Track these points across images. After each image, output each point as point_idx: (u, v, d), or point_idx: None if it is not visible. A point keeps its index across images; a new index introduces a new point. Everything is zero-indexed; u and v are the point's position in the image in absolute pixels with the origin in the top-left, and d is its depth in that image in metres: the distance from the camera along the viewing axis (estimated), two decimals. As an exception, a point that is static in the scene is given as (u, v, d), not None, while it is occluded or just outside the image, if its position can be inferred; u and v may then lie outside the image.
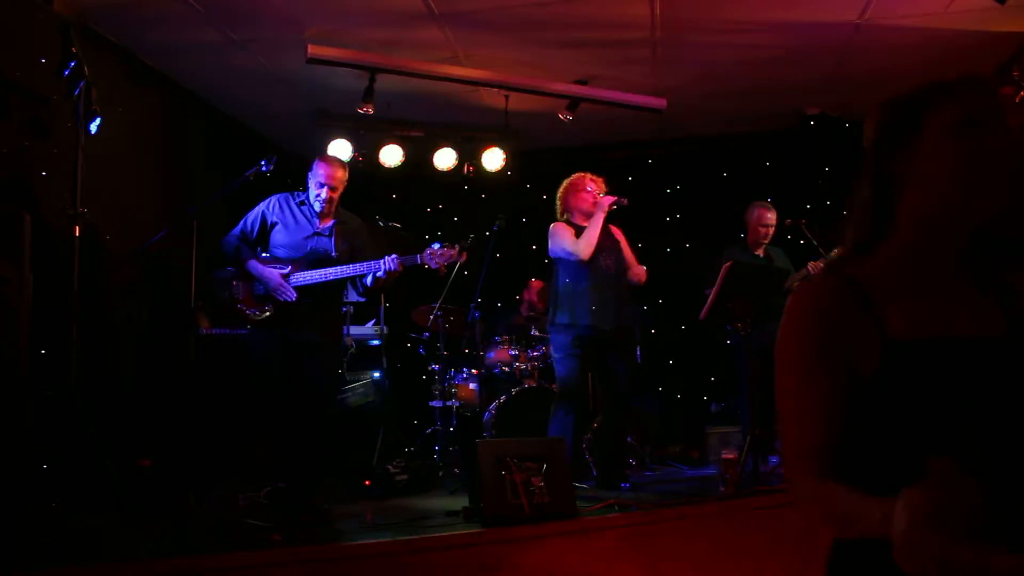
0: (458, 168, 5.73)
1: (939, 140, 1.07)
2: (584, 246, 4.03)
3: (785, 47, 4.70)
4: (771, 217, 4.96)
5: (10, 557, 2.41)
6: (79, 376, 2.97)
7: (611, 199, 4.12)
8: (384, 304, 5.14)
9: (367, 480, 4.26)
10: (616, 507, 3.29)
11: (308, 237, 3.71)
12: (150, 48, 4.61)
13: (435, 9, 4.19)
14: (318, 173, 3.75)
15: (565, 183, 4.34)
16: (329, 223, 3.77)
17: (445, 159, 5.73)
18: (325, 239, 3.73)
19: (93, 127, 3.11)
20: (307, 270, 3.63)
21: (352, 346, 4.91)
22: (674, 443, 5.75)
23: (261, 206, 3.76)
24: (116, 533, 2.77)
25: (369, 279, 3.68)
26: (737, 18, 4.38)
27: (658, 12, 4.28)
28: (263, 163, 3.61)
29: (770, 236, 4.96)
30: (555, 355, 4.18)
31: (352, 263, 3.65)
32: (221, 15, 4.22)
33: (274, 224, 3.72)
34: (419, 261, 3.72)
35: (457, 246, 3.78)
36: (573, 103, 5.09)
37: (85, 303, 3.37)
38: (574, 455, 4.08)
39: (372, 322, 5.22)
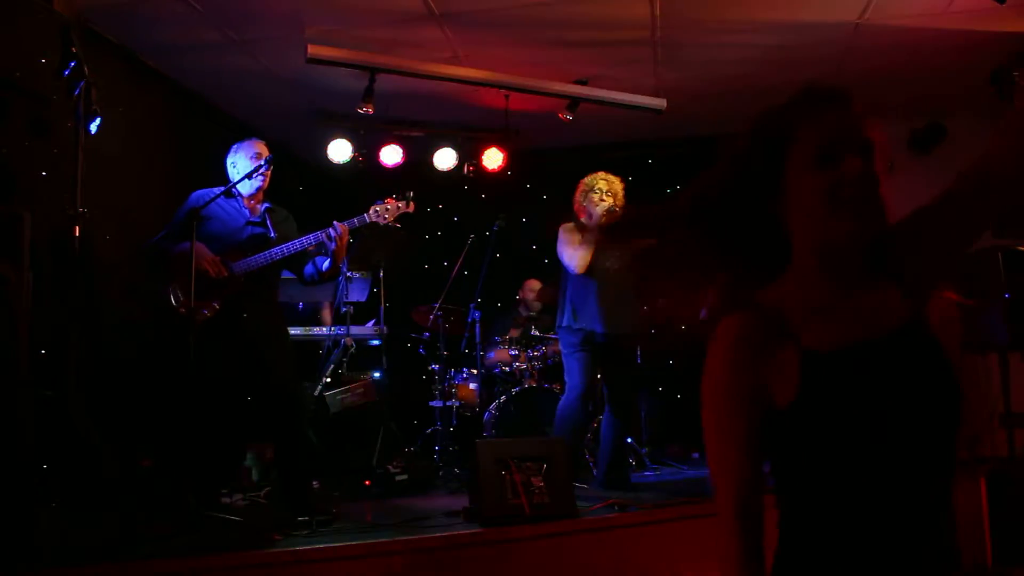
0: (458, 168, 5.74)
1: (798, 175, 1.12)
2: (578, 262, 4.02)
3: (785, 47, 4.70)
4: None
5: (10, 557, 2.41)
6: (79, 376, 2.97)
7: (599, 214, 4.05)
8: (384, 304, 5.14)
9: (367, 480, 4.26)
10: (616, 507, 3.29)
11: (241, 228, 3.59)
12: (150, 48, 4.61)
13: (435, 9, 4.19)
14: (250, 151, 3.64)
15: (579, 185, 4.22)
16: (260, 211, 3.66)
17: (445, 159, 5.73)
18: (259, 227, 3.61)
19: (93, 127, 3.10)
20: (248, 257, 3.50)
21: (352, 346, 4.91)
22: (674, 443, 5.76)
23: (186, 205, 3.58)
24: (116, 533, 2.77)
25: (326, 263, 3.56)
26: (737, 18, 4.38)
27: (658, 12, 4.28)
28: (263, 163, 3.60)
29: None
30: (565, 351, 4.19)
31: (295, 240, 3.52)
32: (221, 15, 4.22)
33: (203, 218, 3.51)
34: (367, 220, 3.63)
35: (405, 198, 3.70)
36: (573, 103, 5.09)
37: (85, 303, 3.36)
38: (575, 453, 4.08)
39: (372, 322, 5.23)
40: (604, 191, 4.13)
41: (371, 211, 3.66)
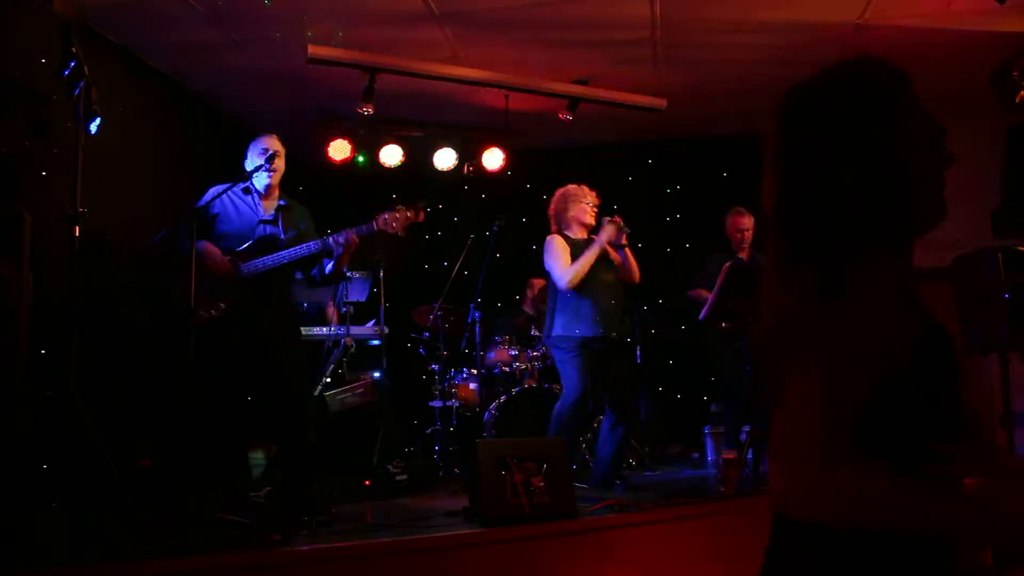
0: (458, 168, 5.74)
1: (915, 146, 1.09)
2: (572, 277, 3.94)
3: (785, 47, 4.69)
4: (745, 222, 5.00)
5: (10, 557, 2.41)
6: (79, 376, 2.97)
7: (612, 236, 4.00)
8: (384, 304, 5.14)
9: (367, 480, 4.26)
10: (616, 507, 3.29)
11: (253, 227, 3.56)
12: (150, 48, 4.62)
13: (435, 9, 4.19)
14: (258, 147, 3.64)
15: (561, 192, 4.20)
16: (273, 209, 3.63)
17: (445, 159, 5.73)
18: (271, 226, 3.58)
19: (93, 127, 3.10)
20: (257, 258, 3.47)
21: (352, 346, 4.91)
22: (674, 443, 5.76)
23: (204, 199, 3.58)
24: (116, 533, 2.76)
25: (329, 266, 3.55)
26: (737, 18, 4.38)
27: (658, 12, 4.28)
28: (264, 164, 3.60)
29: (747, 240, 4.99)
30: (561, 358, 4.07)
31: (303, 244, 3.50)
32: (221, 15, 4.22)
33: (215, 215, 3.53)
34: (375, 228, 3.58)
35: (414, 207, 3.65)
36: (573, 103, 5.09)
37: (85, 303, 3.36)
38: (574, 455, 4.06)
39: (372, 322, 5.22)
40: (592, 204, 4.15)
41: (380, 219, 3.59)
